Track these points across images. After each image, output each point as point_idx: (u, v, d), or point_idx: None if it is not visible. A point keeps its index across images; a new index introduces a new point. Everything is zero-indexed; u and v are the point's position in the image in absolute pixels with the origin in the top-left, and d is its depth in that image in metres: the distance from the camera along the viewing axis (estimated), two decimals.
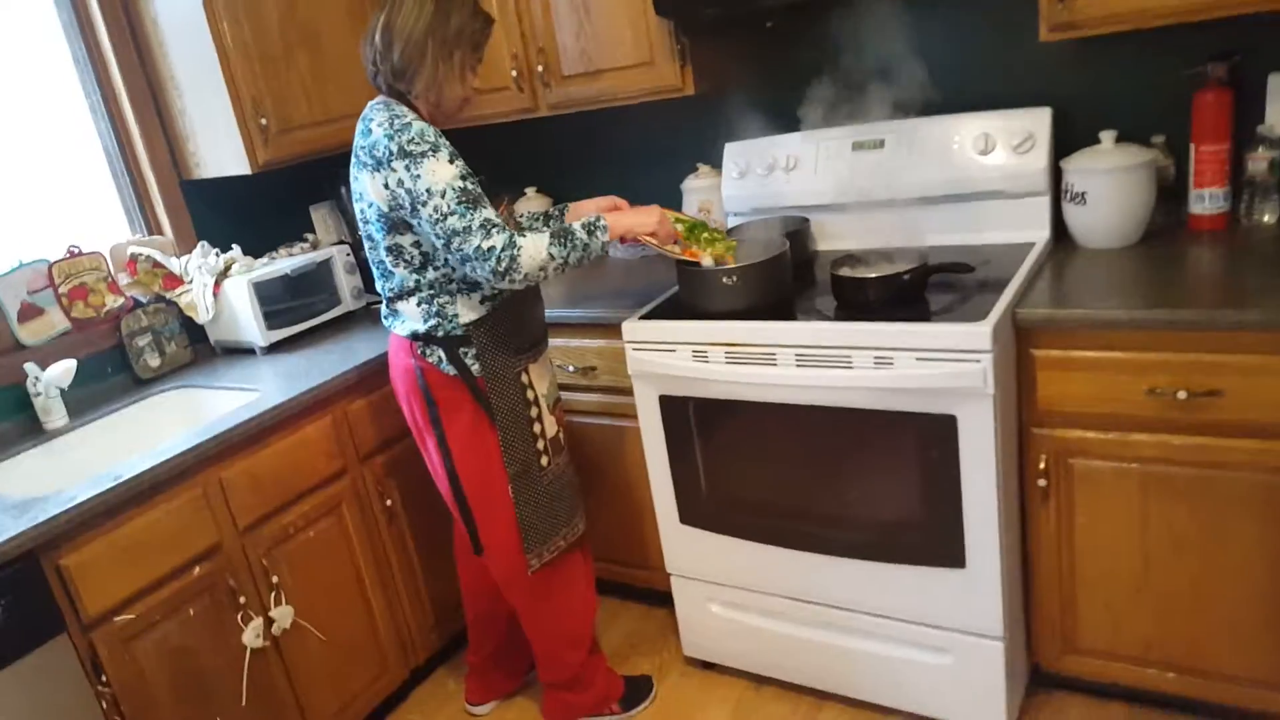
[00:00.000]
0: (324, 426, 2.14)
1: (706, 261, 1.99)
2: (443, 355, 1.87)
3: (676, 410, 2.09)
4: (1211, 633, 1.76)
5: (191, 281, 2.50)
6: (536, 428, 1.96)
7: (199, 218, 2.62)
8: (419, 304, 1.86)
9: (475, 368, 1.87)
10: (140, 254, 2.46)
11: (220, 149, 2.44)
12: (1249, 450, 1.62)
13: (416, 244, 1.81)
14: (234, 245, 2.58)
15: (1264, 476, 1.62)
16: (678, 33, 2.23)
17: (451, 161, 1.73)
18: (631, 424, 2.26)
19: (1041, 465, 1.80)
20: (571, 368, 2.37)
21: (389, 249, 1.82)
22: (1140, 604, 1.81)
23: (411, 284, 1.84)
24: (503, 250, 1.72)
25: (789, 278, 2.04)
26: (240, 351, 2.52)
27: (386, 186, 1.74)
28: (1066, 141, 2.06)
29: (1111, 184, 1.89)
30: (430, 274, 1.83)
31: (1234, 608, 1.72)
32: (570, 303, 2.37)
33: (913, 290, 1.85)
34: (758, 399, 1.95)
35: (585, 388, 2.39)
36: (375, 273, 1.91)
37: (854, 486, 1.91)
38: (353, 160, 1.82)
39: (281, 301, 2.50)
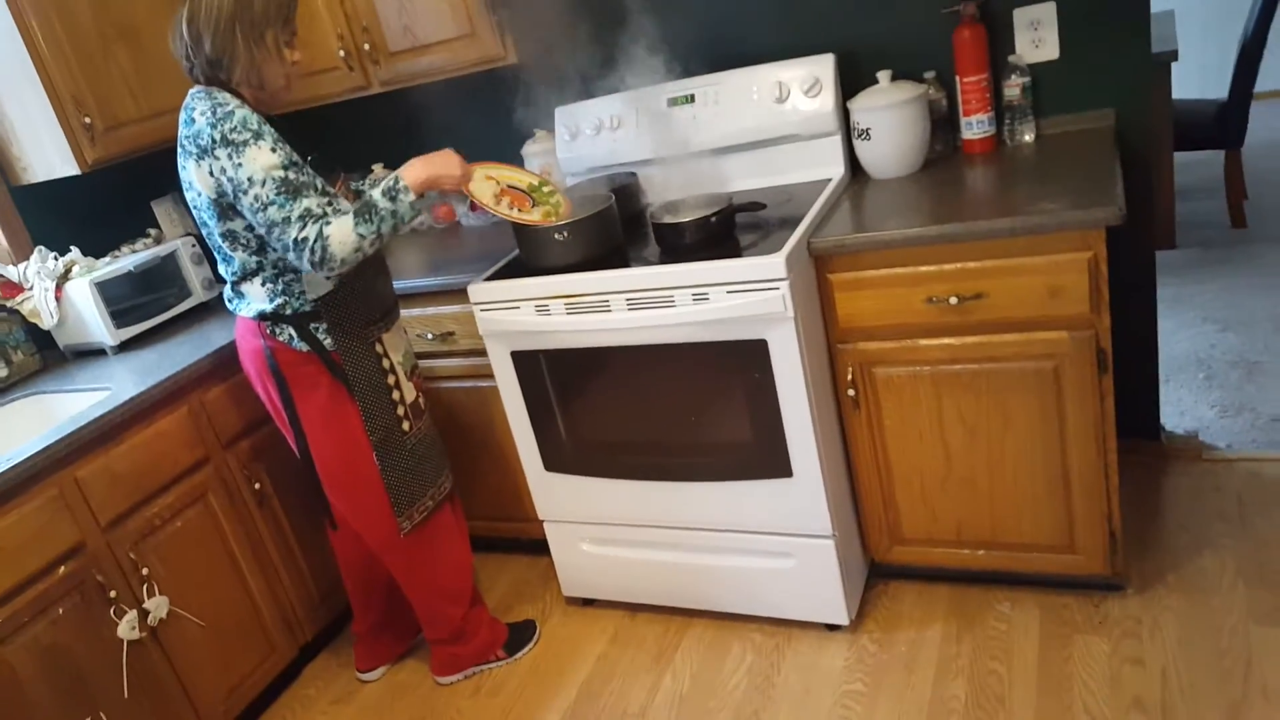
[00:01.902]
0: (180, 417, 2.17)
1: (535, 217, 2.09)
2: (293, 333, 1.93)
3: (529, 364, 2.21)
4: (1007, 508, 2.01)
5: (32, 288, 2.47)
6: (395, 395, 2.04)
7: (35, 223, 2.58)
8: (263, 283, 1.91)
9: (328, 341, 1.94)
10: None
11: (46, 151, 2.40)
12: (1014, 342, 1.85)
13: (249, 227, 1.85)
14: (72, 248, 2.55)
15: (1030, 364, 1.85)
16: (493, 3, 2.32)
17: (274, 150, 1.77)
18: (494, 384, 2.37)
19: (849, 377, 2.01)
20: (430, 335, 2.46)
21: (224, 234, 1.87)
22: (947, 491, 2.04)
23: (253, 265, 1.89)
24: (314, 242, 1.75)
25: (619, 229, 2.17)
26: (92, 353, 2.51)
27: (212, 174, 1.78)
28: (852, 84, 2.26)
29: (890, 119, 2.09)
30: (271, 254, 1.88)
31: (1021, 482, 1.97)
32: (424, 272, 2.45)
33: (722, 230, 2.01)
34: (600, 344, 2.09)
35: (446, 353, 2.48)
36: (216, 258, 1.95)
37: (693, 416, 2.07)
38: (179, 150, 1.85)
39: (129, 299, 2.50)
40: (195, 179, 1.82)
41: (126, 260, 2.54)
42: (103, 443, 2.01)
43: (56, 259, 2.50)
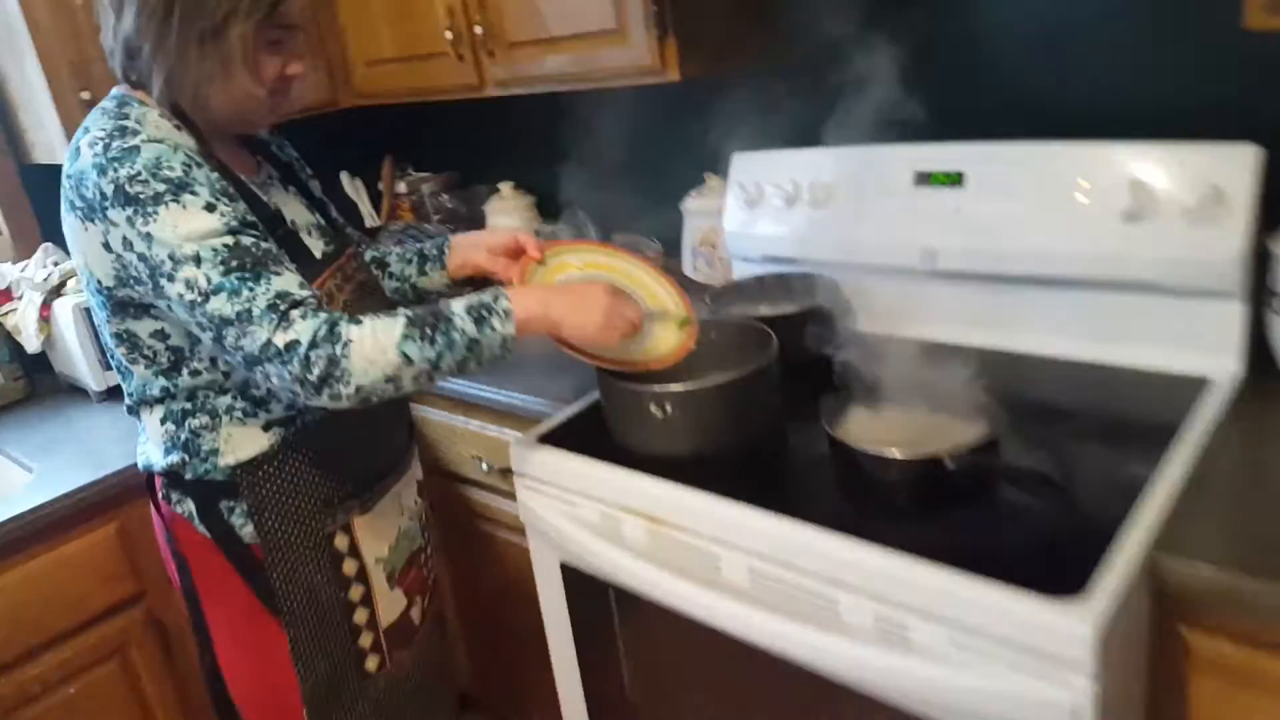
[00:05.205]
0: (103, 538, 1.55)
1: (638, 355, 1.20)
2: (193, 508, 1.18)
3: (587, 589, 1.33)
4: None
5: (21, 298, 1.92)
6: (359, 616, 1.25)
7: (49, 211, 2.02)
8: (163, 421, 1.17)
9: (246, 531, 1.18)
10: None
11: (46, 129, 1.83)
12: None
13: (160, 334, 1.11)
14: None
15: None
16: None
17: (211, 208, 1.03)
18: None
19: None
20: (486, 466, 1.66)
21: (118, 336, 1.14)
22: None
23: (156, 391, 1.15)
24: (311, 347, 1.01)
25: (772, 404, 1.24)
26: (81, 390, 1.94)
27: (108, 248, 1.05)
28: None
29: None
30: (185, 379, 1.13)
31: None
32: (489, 374, 1.63)
33: (975, 482, 1.01)
34: (698, 617, 1.16)
35: (507, 494, 1.66)
36: (109, 362, 1.22)
37: None
38: (61, 189, 1.11)
39: None
40: (79, 244, 1.09)
41: None
42: None
43: (55, 265, 1.92)
